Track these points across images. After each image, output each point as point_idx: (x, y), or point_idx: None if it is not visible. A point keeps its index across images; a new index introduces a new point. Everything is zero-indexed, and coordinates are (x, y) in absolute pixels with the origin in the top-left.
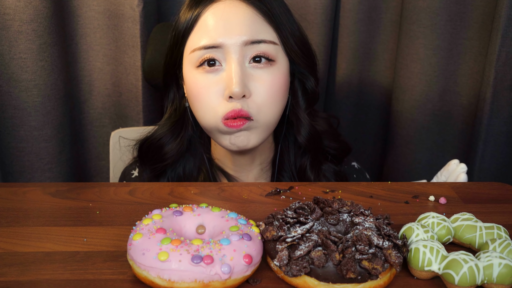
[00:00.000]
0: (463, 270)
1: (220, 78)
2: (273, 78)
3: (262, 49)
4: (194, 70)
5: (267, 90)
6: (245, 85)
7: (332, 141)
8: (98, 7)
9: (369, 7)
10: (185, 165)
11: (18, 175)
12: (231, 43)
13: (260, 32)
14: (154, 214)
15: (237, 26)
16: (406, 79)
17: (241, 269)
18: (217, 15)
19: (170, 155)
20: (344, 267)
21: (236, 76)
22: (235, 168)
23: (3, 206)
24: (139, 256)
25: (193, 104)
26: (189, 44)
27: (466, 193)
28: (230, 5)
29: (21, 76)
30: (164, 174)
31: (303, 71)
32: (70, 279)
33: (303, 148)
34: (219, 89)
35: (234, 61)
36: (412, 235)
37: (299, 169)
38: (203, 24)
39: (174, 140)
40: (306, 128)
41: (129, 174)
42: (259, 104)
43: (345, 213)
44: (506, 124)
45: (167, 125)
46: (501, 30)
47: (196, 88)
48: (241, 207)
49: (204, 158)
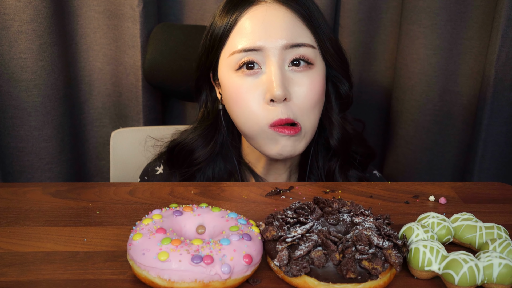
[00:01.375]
0: (463, 270)
1: (260, 81)
2: (312, 81)
3: (301, 52)
4: (233, 74)
5: (307, 93)
6: (285, 88)
7: (359, 146)
8: (98, 7)
9: (369, 7)
10: (215, 169)
11: (18, 175)
12: (271, 46)
13: (299, 36)
14: (154, 214)
15: (277, 30)
16: (406, 79)
17: (241, 269)
18: (256, 18)
19: (202, 159)
20: (344, 267)
21: (277, 79)
22: (266, 172)
23: (3, 206)
24: (139, 256)
25: (232, 108)
26: (227, 47)
27: (466, 193)
28: (269, 8)
29: (21, 76)
30: (193, 178)
31: (337, 74)
32: (70, 279)
33: (332, 151)
34: (260, 93)
35: (274, 64)
36: (412, 235)
37: (328, 172)
38: (242, 27)
39: (206, 145)
40: (338, 131)
41: (153, 170)
42: (301, 108)
43: (345, 213)
44: (506, 124)
45: (199, 128)
46: (501, 30)
47: (235, 91)
48: (241, 207)
49: (235, 162)
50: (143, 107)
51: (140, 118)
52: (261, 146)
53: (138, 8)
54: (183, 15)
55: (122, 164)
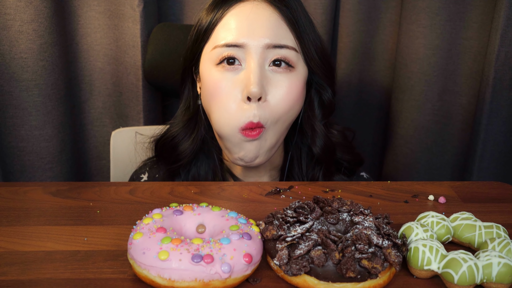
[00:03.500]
0: (463, 269)
1: (238, 78)
2: (291, 84)
3: (283, 53)
4: (213, 68)
5: (284, 96)
6: (262, 86)
7: (345, 153)
8: (98, 7)
9: (368, 7)
10: (199, 167)
11: (19, 174)
12: (253, 44)
13: (283, 37)
14: (154, 213)
15: (261, 29)
16: (405, 79)
17: (241, 268)
18: (242, 15)
19: (185, 155)
20: (344, 266)
21: (255, 77)
22: (244, 173)
23: (4, 206)
24: (139, 255)
25: (209, 103)
26: (210, 41)
27: (466, 193)
28: (256, 7)
29: (22, 76)
30: (178, 176)
31: (321, 82)
32: (71, 278)
33: (315, 159)
34: (237, 90)
35: (255, 62)
36: (412, 234)
37: (311, 179)
38: (226, 23)
39: (187, 139)
40: (321, 139)
41: (138, 178)
42: (275, 111)
43: (344, 212)
44: (505, 123)
45: (180, 123)
46: (500, 30)
47: (214, 85)
48: (241, 206)
49: (216, 161)
50: (143, 107)
51: (140, 117)
52: (228, 149)
53: (138, 8)
54: (183, 15)
55: (123, 164)
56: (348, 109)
